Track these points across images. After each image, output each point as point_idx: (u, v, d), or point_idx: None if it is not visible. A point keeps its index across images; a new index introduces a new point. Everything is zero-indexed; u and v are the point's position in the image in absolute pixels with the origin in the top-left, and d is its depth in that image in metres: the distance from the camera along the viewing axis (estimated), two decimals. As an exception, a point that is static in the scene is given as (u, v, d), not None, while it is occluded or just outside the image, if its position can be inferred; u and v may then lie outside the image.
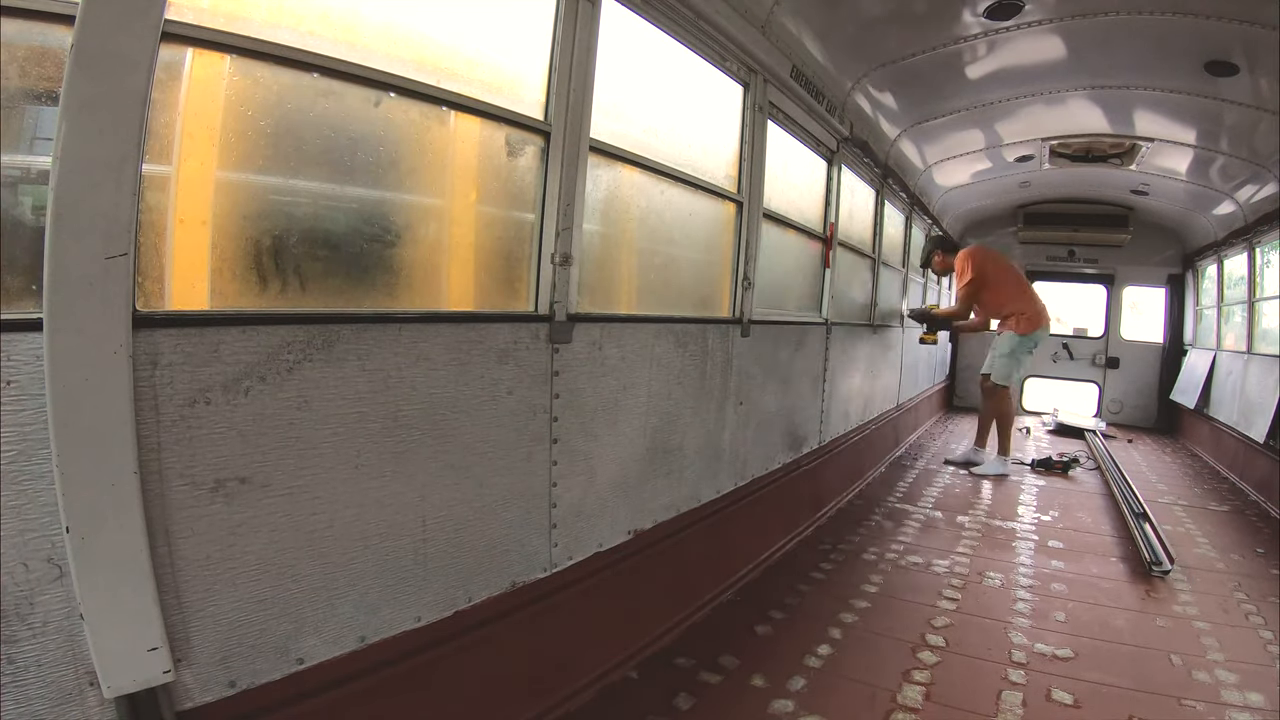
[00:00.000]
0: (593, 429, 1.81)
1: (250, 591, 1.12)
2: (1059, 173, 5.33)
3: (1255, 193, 4.57)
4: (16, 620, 0.90)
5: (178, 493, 1.02)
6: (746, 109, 2.48)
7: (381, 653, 1.33)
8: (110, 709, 0.97)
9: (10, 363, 0.86)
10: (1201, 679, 2.02)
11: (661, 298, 2.27)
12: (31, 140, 0.93)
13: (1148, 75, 3.32)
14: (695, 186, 2.26)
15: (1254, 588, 2.78)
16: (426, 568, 1.41)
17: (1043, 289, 7.83)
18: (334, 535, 1.23)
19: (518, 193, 1.64)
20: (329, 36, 1.20)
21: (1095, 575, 2.87)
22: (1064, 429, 6.43)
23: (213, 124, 1.10)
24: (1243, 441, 4.85)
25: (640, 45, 1.96)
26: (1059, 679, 1.99)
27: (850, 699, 1.87)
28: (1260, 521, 3.84)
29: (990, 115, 4.03)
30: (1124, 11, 2.65)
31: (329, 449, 1.21)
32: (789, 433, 3.10)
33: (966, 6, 2.70)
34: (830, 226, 3.48)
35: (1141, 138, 4.31)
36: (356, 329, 1.23)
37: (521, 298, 1.65)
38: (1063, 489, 4.38)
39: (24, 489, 0.88)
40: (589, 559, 1.84)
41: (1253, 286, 4.99)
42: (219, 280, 1.11)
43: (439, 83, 1.38)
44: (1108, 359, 7.47)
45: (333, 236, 1.29)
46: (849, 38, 2.87)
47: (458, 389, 1.43)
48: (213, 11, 1.05)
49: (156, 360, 0.98)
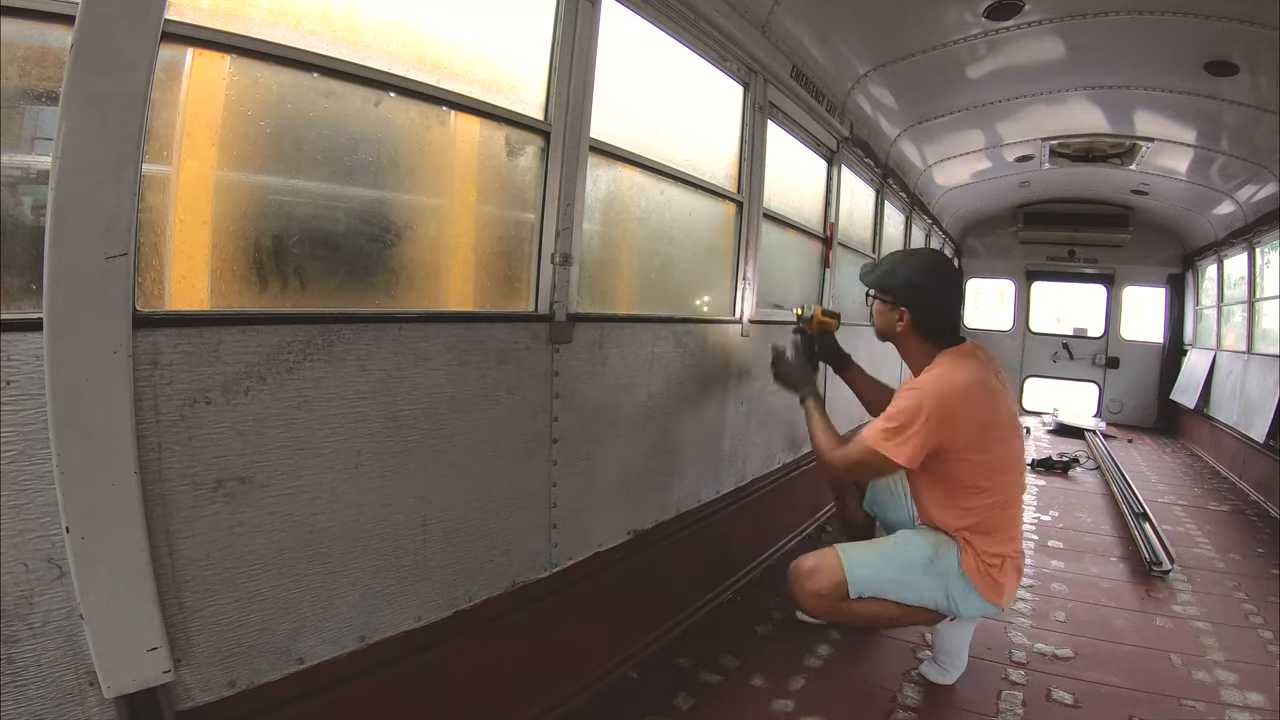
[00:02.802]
0: (593, 429, 1.81)
1: (250, 591, 1.12)
2: (1059, 173, 5.32)
3: (1255, 193, 4.57)
4: (16, 620, 0.89)
5: (178, 493, 1.02)
6: (746, 109, 2.48)
7: (382, 652, 1.33)
8: (110, 709, 0.97)
9: (10, 363, 0.86)
10: (1201, 679, 2.02)
11: (661, 298, 2.27)
12: (31, 140, 0.93)
13: (1148, 75, 3.32)
14: (695, 186, 2.26)
15: (1254, 588, 2.78)
16: (427, 567, 1.41)
17: (1042, 289, 7.89)
18: (334, 535, 1.23)
19: (518, 192, 1.64)
20: (329, 36, 1.20)
21: (1095, 575, 2.86)
22: (1064, 429, 6.42)
23: (213, 124, 1.10)
24: (1242, 441, 4.85)
25: (640, 45, 1.96)
26: (1059, 679, 1.99)
27: (850, 699, 1.87)
28: (1260, 521, 3.84)
29: (990, 115, 4.03)
30: (1124, 11, 2.65)
31: (329, 449, 1.20)
32: (789, 432, 3.10)
33: (966, 6, 2.70)
34: (830, 226, 3.48)
35: (1141, 138, 4.31)
36: (356, 329, 1.23)
37: (521, 298, 1.65)
38: (1063, 489, 4.38)
39: (24, 489, 0.88)
40: (589, 559, 1.84)
41: (1253, 286, 4.99)
42: (219, 280, 1.11)
43: (439, 82, 1.38)
44: (1108, 359, 7.47)
45: (333, 236, 1.29)
46: (849, 38, 2.87)
47: (458, 389, 1.43)
48: (213, 11, 1.05)
49: (156, 360, 0.98)
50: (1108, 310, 7.48)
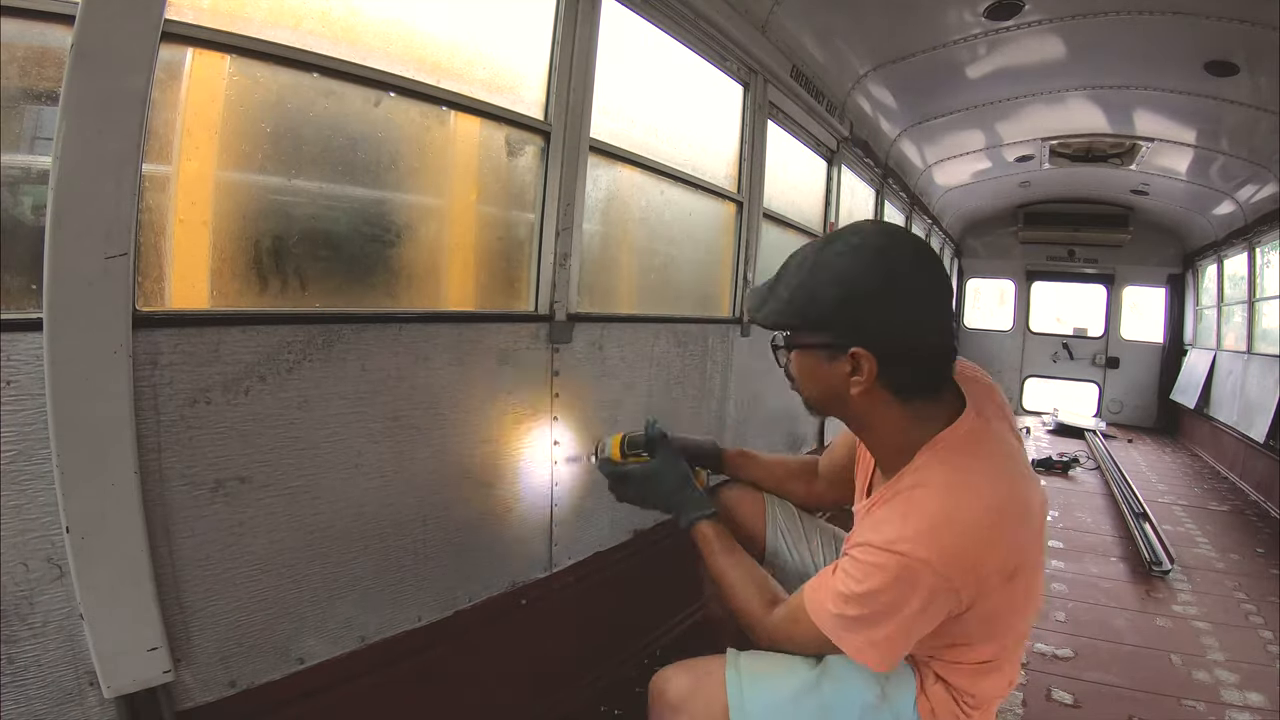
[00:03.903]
0: (594, 429, 1.81)
1: (250, 591, 1.12)
2: (1059, 173, 5.32)
3: (1255, 193, 4.57)
4: (16, 620, 0.89)
5: (178, 492, 1.02)
6: (747, 109, 2.48)
7: (382, 652, 1.33)
8: (110, 709, 0.97)
9: (10, 363, 0.86)
10: (1201, 679, 2.02)
11: (661, 297, 2.27)
12: (31, 140, 0.93)
13: (1148, 75, 3.32)
14: (695, 186, 2.26)
15: (1254, 588, 2.78)
16: (427, 567, 1.41)
17: (1042, 289, 7.89)
18: (334, 535, 1.23)
19: (518, 192, 1.64)
20: (329, 36, 1.20)
21: (1095, 575, 2.86)
22: (1064, 429, 6.42)
23: (213, 124, 1.10)
24: (1243, 441, 4.85)
25: (640, 45, 1.96)
26: (1059, 679, 1.99)
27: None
28: (1260, 521, 3.84)
29: (990, 115, 4.03)
30: (1124, 11, 2.65)
31: (329, 449, 1.20)
32: (789, 431, 3.10)
33: (966, 6, 2.70)
34: (830, 226, 3.48)
35: (1141, 138, 4.31)
36: (356, 329, 1.23)
37: (521, 298, 1.65)
38: (1063, 489, 4.38)
39: (24, 489, 0.88)
40: (589, 559, 1.84)
41: (1253, 286, 4.98)
42: (219, 280, 1.11)
43: (439, 82, 1.38)
44: (1108, 359, 7.47)
45: (333, 236, 1.29)
46: (849, 38, 2.87)
47: (458, 388, 1.43)
48: (213, 11, 1.05)
49: (156, 360, 0.98)
50: (1108, 310, 7.48)
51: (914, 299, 0.89)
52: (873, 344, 0.88)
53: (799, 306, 0.93)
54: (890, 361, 0.89)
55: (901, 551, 0.84)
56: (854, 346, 0.89)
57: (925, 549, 0.83)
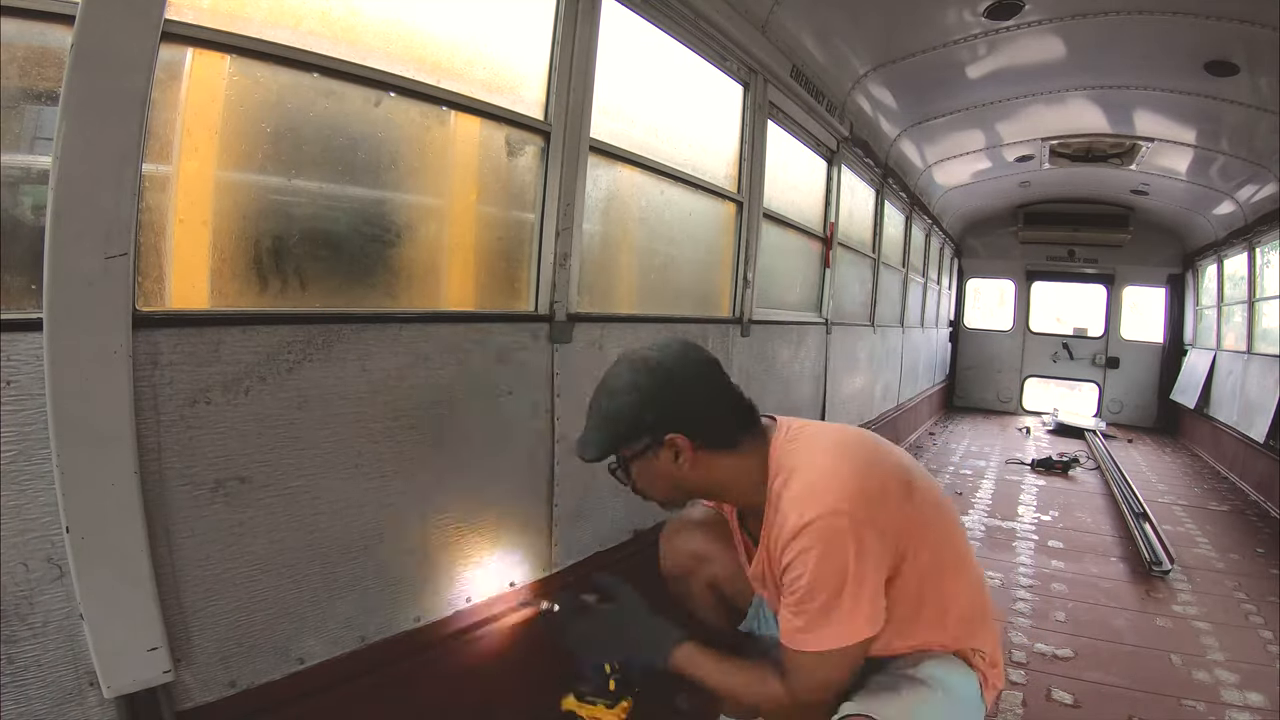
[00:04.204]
0: (593, 429, 1.81)
1: (250, 591, 1.12)
2: (1059, 173, 5.33)
3: (1255, 193, 4.57)
4: (16, 620, 0.89)
5: (178, 493, 1.02)
6: (746, 109, 2.48)
7: (382, 652, 1.33)
8: (110, 709, 0.97)
9: (10, 363, 0.86)
10: (1201, 679, 2.02)
11: (661, 297, 2.27)
12: (32, 140, 0.93)
13: (1148, 75, 3.32)
14: (695, 186, 2.26)
15: (1254, 588, 2.78)
16: (427, 567, 1.41)
17: (1042, 289, 7.90)
18: (334, 535, 1.23)
19: (518, 193, 1.64)
20: (329, 36, 1.20)
21: (1095, 575, 2.86)
22: (1064, 429, 6.43)
23: (213, 124, 1.10)
24: (1243, 441, 4.85)
25: (640, 45, 1.96)
26: (1059, 679, 1.99)
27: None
28: (1260, 521, 3.84)
29: (990, 115, 4.03)
30: (1124, 11, 2.65)
31: (329, 449, 1.20)
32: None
33: (966, 6, 2.70)
34: (830, 226, 3.48)
35: (1141, 138, 4.31)
36: (356, 329, 1.23)
37: (522, 297, 1.65)
38: (1063, 489, 4.38)
39: (24, 489, 0.88)
40: (590, 558, 1.84)
41: (1253, 286, 4.99)
42: (219, 280, 1.11)
43: (439, 82, 1.38)
44: (1108, 359, 7.48)
45: (333, 236, 1.29)
46: (849, 38, 2.87)
47: (458, 389, 1.43)
48: (213, 11, 1.05)
49: (156, 360, 0.98)
50: (1108, 310, 7.49)
51: (689, 373, 1.08)
52: (677, 423, 1.05)
53: (611, 431, 1.09)
54: (698, 429, 1.06)
55: (809, 521, 0.98)
56: (665, 434, 1.06)
57: (820, 504, 0.98)
